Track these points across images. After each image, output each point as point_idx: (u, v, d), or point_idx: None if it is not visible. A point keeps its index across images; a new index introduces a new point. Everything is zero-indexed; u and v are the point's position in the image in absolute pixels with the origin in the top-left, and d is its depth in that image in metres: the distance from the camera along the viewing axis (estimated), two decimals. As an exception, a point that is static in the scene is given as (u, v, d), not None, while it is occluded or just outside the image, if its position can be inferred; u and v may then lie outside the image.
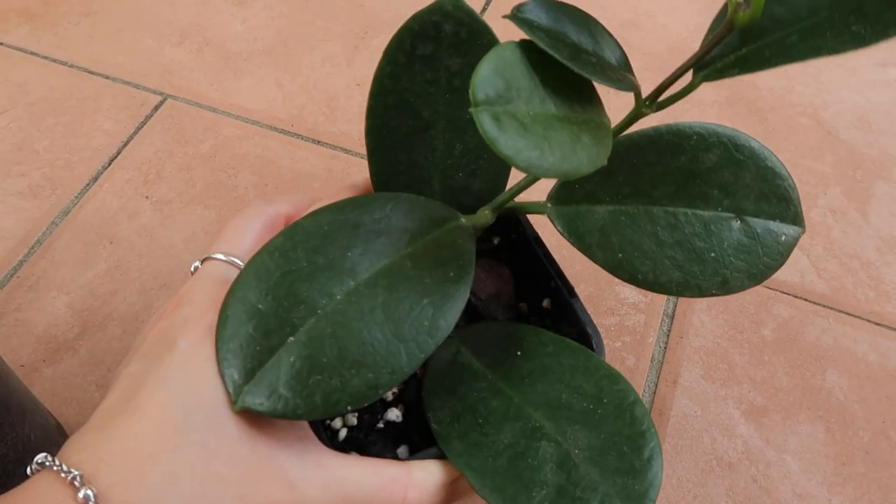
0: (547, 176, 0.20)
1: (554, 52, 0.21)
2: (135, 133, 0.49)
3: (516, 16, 0.22)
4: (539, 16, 0.23)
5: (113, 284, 0.42)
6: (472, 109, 0.19)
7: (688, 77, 0.24)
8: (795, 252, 0.44)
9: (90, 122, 0.50)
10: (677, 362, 0.39)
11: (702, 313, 0.41)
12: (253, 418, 0.20)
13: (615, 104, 0.50)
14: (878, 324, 0.41)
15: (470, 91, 0.19)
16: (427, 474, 0.22)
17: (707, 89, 0.52)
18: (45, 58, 0.53)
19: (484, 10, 0.57)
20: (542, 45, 0.21)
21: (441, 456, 0.22)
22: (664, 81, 0.24)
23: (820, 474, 0.36)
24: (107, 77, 0.52)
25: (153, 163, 0.48)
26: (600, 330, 0.40)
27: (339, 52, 0.54)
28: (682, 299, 0.41)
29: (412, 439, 0.25)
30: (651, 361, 0.39)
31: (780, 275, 0.43)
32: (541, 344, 0.24)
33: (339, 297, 0.21)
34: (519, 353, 0.24)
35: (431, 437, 0.22)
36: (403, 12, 0.56)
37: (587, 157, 0.21)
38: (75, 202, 0.46)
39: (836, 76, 0.53)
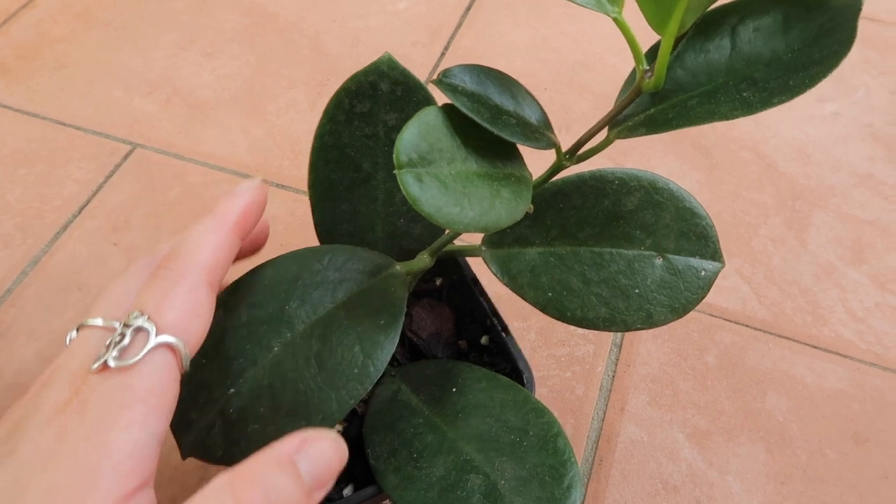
0: (467, 230, 0.21)
1: (474, 116, 0.23)
2: (104, 182, 0.51)
3: (442, 81, 0.24)
4: (464, 80, 0.25)
5: (82, 330, 0.43)
6: (395, 171, 0.21)
7: (604, 132, 0.26)
8: (737, 280, 0.46)
9: (62, 171, 0.51)
10: (625, 390, 0.41)
11: (648, 342, 0.43)
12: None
13: (542, 154, 0.53)
14: (815, 347, 0.43)
15: (394, 155, 0.21)
16: None
17: (654, 127, 0.55)
18: (18, 111, 0.55)
19: (432, 72, 0.59)
20: (463, 109, 0.23)
21: (379, 494, 0.24)
22: (582, 137, 0.26)
23: (760, 494, 0.38)
24: (78, 128, 0.54)
25: (122, 210, 0.49)
26: (551, 360, 0.42)
27: (302, 99, 0.56)
28: (629, 329, 0.43)
29: (357, 476, 0.27)
30: (600, 390, 0.41)
31: (723, 302, 0.45)
32: (475, 380, 0.26)
33: (276, 348, 0.23)
34: (454, 389, 0.26)
35: (373, 477, 0.24)
36: (365, 60, 0.58)
37: (506, 211, 0.23)
38: (45, 250, 0.47)
39: (775, 111, 0.56)
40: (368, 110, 0.28)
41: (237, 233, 0.22)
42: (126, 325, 0.19)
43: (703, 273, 0.29)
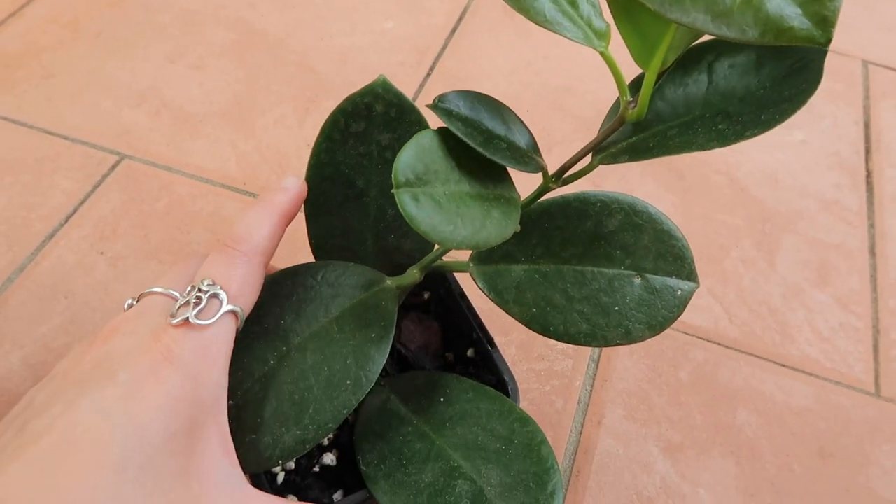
0: (459, 248, 0.23)
1: (468, 140, 0.25)
2: (91, 191, 0.51)
3: (437, 105, 0.26)
4: (458, 105, 0.26)
5: (67, 338, 0.44)
6: (393, 191, 0.22)
7: (588, 158, 0.28)
8: (710, 300, 0.48)
9: (48, 181, 0.52)
10: (602, 404, 0.42)
11: (625, 358, 0.44)
12: (188, 459, 0.20)
13: (530, 175, 0.54)
14: (783, 365, 0.45)
15: (392, 175, 0.22)
16: None
17: (632, 150, 0.57)
18: (5, 118, 0.55)
19: (418, 92, 0.61)
20: (457, 133, 0.25)
21: (369, 499, 0.25)
22: (567, 162, 0.28)
23: (730, 505, 0.39)
24: (65, 138, 0.54)
25: (109, 220, 0.50)
26: (531, 374, 0.43)
27: (290, 115, 0.57)
28: (606, 345, 0.45)
29: (346, 482, 0.28)
30: (578, 403, 0.42)
31: (696, 321, 0.47)
32: (462, 391, 0.27)
33: (272, 362, 0.24)
34: (442, 399, 0.27)
35: (362, 483, 0.25)
36: (353, 79, 0.60)
37: (496, 230, 0.24)
38: (31, 258, 0.47)
39: (747, 138, 0.59)
40: (363, 130, 0.29)
41: (284, 222, 0.26)
42: (200, 291, 0.22)
43: (679, 292, 0.30)
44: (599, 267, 0.30)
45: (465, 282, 0.33)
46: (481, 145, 0.25)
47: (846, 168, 0.57)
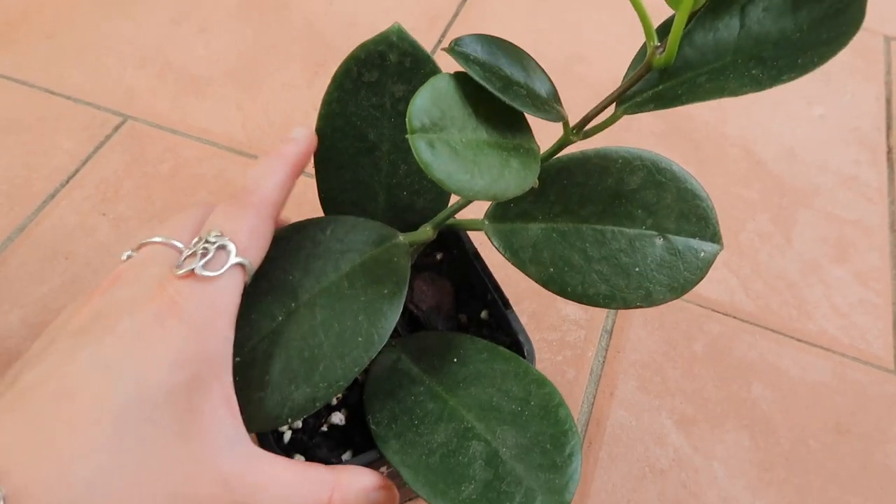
0: (476, 198, 0.22)
1: (486, 84, 0.23)
2: (94, 152, 0.50)
3: (454, 49, 0.24)
4: (475, 49, 0.25)
5: (67, 299, 0.43)
6: (408, 136, 0.21)
7: (611, 109, 0.27)
8: (725, 273, 0.47)
9: (50, 141, 0.50)
10: (614, 375, 0.41)
11: (638, 329, 0.43)
12: (190, 415, 0.19)
13: (548, 132, 0.53)
14: (800, 340, 0.44)
15: (406, 119, 0.21)
16: (354, 478, 0.22)
17: (646, 120, 0.55)
18: (6, 77, 0.54)
19: (437, 44, 0.59)
20: (475, 77, 0.23)
21: (378, 460, 0.24)
22: (590, 112, 0.26)
23: (744, 479, 0.38)
24: (68, 97, 0.53)
25: (112, 181, 0.49)
26: (543, 344, 0.42)
27: (298, 77, 0.56)
28: (619, 315, 0.44)
29: (355, 442, 0.27)
30: (590, 374, 0.41)
31: (711, 294, 0.46)
32: (476, 351, 0.26)
33: (280, 318, 0.23)
34: (455, 359, 0.26)
35: (373, 440, 0.24)
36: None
37: (515, 180, 0.23)
38: (31, 218, 0.46)
39: (765, 111, 0.57)
40: (376, 80, 0.28)
41: (294, 174, 0.25)
42: (207, 242, 0.21)
43: (702, 254, 0.29)
44: (620, 226, 0.29)
45: (480, 245, 0.32)
46: (500, 91, 0.23)
47: (866, 144, 0.55)
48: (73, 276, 0.44)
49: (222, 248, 0.21)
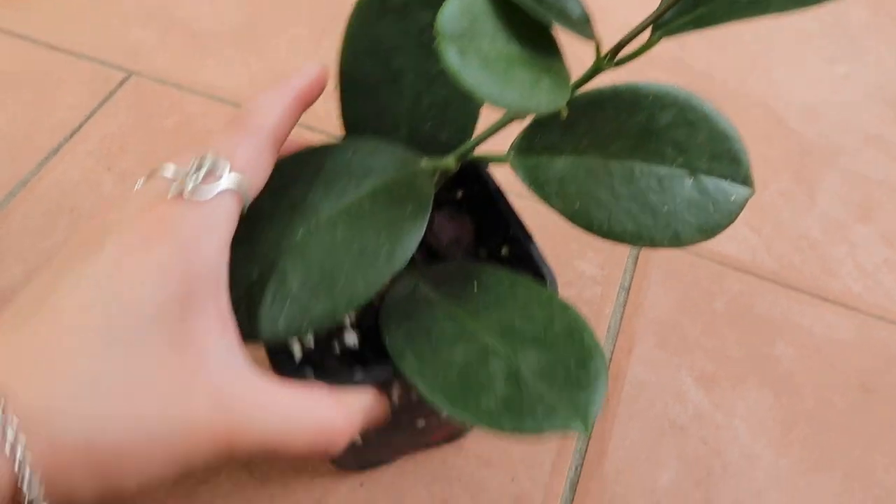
0: (508, 108, 0.20)
1: None
2: (98, 108, 0.49)
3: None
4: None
5: (73, 253, 0.42)
6: (436, 42, 0.20)
7: (646, 34, 0.25)
8: (747, 231, 0.46)
9: (52, 96, 0.49)
10: (632, 332, 0.40)
11: (657, 286, 0.42)
12: (181, 333, 0.19)
13: (574, 65, 0.52)
14: (824, 299, 0.43)
15: (435, 25, 0.20)
16: (356, 399, 0.22)
17: (665, 79, 0.54)
18: (7, 32, 0.53)
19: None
20: (506, -14, 0.22)
21: (390, 381, 0.23)
22: (623, 38, 0.25)
23: (767, 437, 0.37)
24: (71, 53, 0.52)
25: (116, 137, 0.47)
26: (560, 300, 0.41)
27: (307, 36, 0.54)
28: (637, 272, 0.43)
29: (369, 365, 0.26)
30: (607, 331, 0.40)
31: (732, 251, 0.44)
32: (497, 279, 0.25)
33: (300, 235, 0.22)
34: (476, 286, 0.25)
35: (386, 362, 0.23)
36: None
37: (546, 97, 0.22)
38: (35, 173, 0.45)
39: (787, 71, 0.56)
40: (402, 6, 0.27)
41: (300, 105, 0.24)
42: (201, 165, 0.21)
43: (733, 197, 0.28)
44: (649, 163, 0.27)
45: (503, 184, 0.31)
46: (532, 3, 0.22)
47: (890, 103, 0.54)
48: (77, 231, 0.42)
49: (213, 169, 0.21)
